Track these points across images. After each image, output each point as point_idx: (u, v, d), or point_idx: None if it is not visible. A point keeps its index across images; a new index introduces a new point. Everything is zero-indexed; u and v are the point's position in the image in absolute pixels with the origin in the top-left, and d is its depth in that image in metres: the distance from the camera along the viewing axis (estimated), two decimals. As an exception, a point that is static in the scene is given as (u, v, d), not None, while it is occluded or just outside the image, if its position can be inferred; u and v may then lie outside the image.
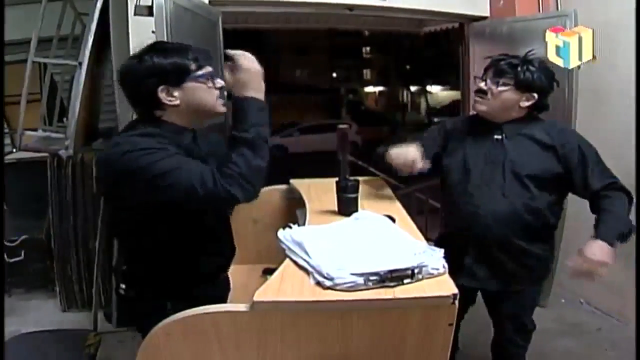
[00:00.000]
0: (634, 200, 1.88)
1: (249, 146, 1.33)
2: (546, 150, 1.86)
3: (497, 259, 1.88)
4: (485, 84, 1.88)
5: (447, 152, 2.03)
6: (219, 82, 1.46)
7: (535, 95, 1.85)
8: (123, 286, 1.53)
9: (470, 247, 1.89)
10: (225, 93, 1.51)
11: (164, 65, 1.38)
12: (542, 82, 1.84)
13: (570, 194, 1.99)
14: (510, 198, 1.85)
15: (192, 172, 1.29)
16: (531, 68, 1.83)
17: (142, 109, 1.45)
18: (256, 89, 1.40)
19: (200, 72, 1.42)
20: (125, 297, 1.55)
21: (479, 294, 2.08)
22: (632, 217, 1.87)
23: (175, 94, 1.40)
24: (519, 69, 1.83)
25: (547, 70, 1.88)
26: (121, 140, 1.39)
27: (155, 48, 1.43)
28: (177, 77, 1.39)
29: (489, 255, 1.85)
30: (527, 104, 1.86)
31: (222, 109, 1.48)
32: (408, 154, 1.82)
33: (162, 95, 1.39)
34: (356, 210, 1.67)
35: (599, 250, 1.73)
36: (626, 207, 1.84)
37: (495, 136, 1.91)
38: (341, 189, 1.70)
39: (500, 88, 1.84)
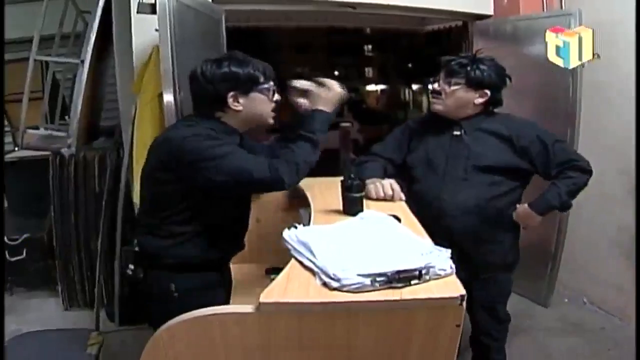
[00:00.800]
0: (591, 173, 2.00)
1: (312, 144, 1.53)
2: (504, 142, 1.98)
3: (465, 248, 1.92)
4: (438, 85, 2.01)
5: (410, 150, 2.15)
6: (277, 97, 1.65)
7: (488, 91, 1.96)
8: (131, 267, 1.63)
9: (438, 238, 1.87)
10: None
11: (239, 73, 1.55)
12: (492, 78, 1.95)
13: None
14: (473, 189, 1.97)
15: (248, 157, 1.48)
16: (481, 66, 1.94)
17: (204, 108, 1.61)
18: (329, 106, 1.62)
19: (266, 85, 1.60)
20: (132, 278, 1.64)
21: None
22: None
23: (241, 100, 1.57)
24: (469, 67, 1.94)
25: (497, 67, 1.98)
26: (182, 128, 1.56)
27: (233, 57, 1.59)
28: (247, 86, 1.57)
29: (456, 245, 1.80)
30: (480, 100, 1.98)
31: (272, 121, 1.66)
32: (386, 190, 1.86)
33: (230, 100, 1.56)
34: (361, 210, 1.66)
35: (523, 215, 2.01)
36: (573, 183, 1.96)
37: (455, 132, 2.03)
38: (346, 189, 1.69)
39: (453, 87, 1.96)
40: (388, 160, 2.16)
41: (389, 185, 1.88)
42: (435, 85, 2.02)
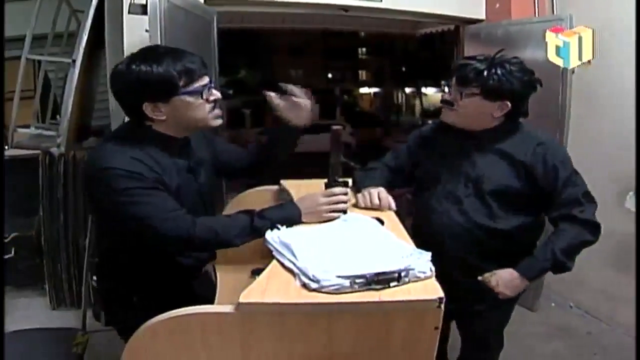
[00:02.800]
0: (600, 229, 1.69)
1: (253, 234, 1.42)
2: (513, 166, 1.70)
3: (451, 277, 1.62)
4: (450, 94, 1.72)
5: (420, 160, 1.92)
6: (214, 95, 1.41)
7: (508, 103, 1.66)
8: (95, 278, 1.59)
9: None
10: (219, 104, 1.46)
11: (150, 79, 1.30)
12: (514, 86, 1.64)
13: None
14: (468, 215, 1.73)
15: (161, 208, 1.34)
16: (499, 72, 1.62)
17: (131, 118, 1.42)
18: (301, 120, 1.63)
19: (189, 89, 1.35)
20: (97, 290, 1.61)
21: None
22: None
23: (162, 109, 1.35)
24: (486, 74, 1.62)
25: (523, 72, 1.67)
26: (107, 152, 1.35)
27: (144, 56, 1.33)
28: (164, 92, 1.34)
29: (443, 272, 1.46)
30: (500, 112, 1.68)
31: (215, 123, 1.43)
32: (373, 199, 1.70)
33: (147, 110, 1.35)
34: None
35: (508, 280, 1.68)
36: (576, 240, 1.67)
37: (466, 146, 1.76)
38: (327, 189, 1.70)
39: (466, 99, 1.66)
40: (396, 169, 1.95)
41: (377, 194, 1.70)
42: (447, 95, 1.72)
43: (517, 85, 1.64)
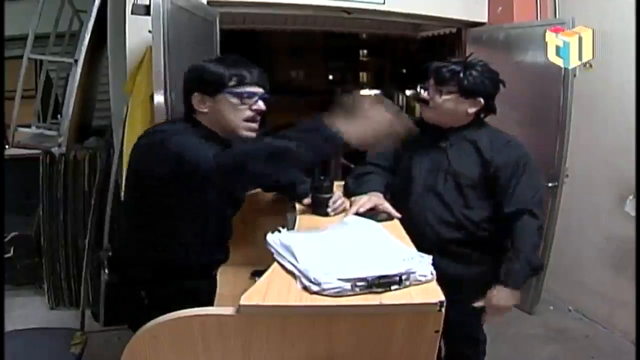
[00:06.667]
0: (544, 224, 1.89)
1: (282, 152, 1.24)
2: (482, 160, 1.84)
3: (440, 263, 1.65)
4: (428, 93, 1.86)
5: (402, 157, 2.00)
6: (258, 105, 1.49)
7: (481, 100, 1.82)
8: (106, 271, 1.60)
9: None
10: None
11: (205, 73, 1.48)
12: (487, 85, 1.81)
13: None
14: (451, 206, 1.85)
15: (199, 150, 1.32)
16: (474, 73, 1.79)
17: (185, 108, 1.54)
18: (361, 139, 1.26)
19: (235, 90, 1.46)
20: (108, 283, 1.63)
21: None
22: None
23: (208, 103, 1.48)
24: (462, 75, 1.79)
25: (491, 72, 1.84)
26: (169, 127, 1.53)
27: (218, 57, 1.55)
28: (212, 87, 1.46)
29: (433, 262, 1.56)
30: (473, 109, 1.84)
31: (246, 134, 1.50)
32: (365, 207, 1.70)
33: (194, 100, 1.48)
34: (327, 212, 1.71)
35: (504, 298, 1.77)
36: (534, 238, 1.80)
37: (441, 143, 1.90)
38: (315, 189, 1.71)
39: (445, 97, 1.82)
40: (389, 168, 2.01)
41: (368, 202, 1.71)
42: (424, 94, 1.87)
43: (488, 84, 1.82)
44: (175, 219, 1.51)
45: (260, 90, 1.50)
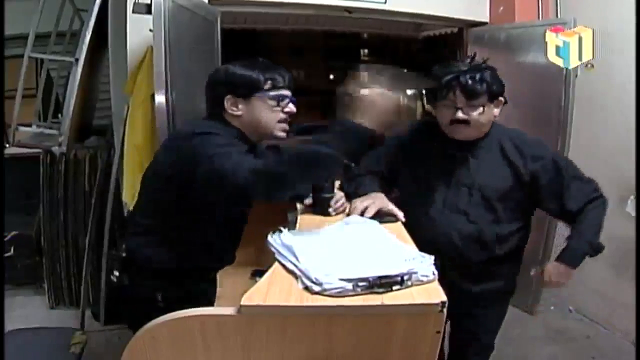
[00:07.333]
0: (606, 202, 1.79)
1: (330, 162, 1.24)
2: (512, 169, 1.72)
3: (462, 284, 1.74)
4: (463, 112, 1.68)
5: (405, 168, 1.87)
6: (289, 108, 1.54)
7: (502, 99, 1.73)
8: (116, 273, 1.59)
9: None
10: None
11: (236, 77, 1.50)
12: (501, 81, 1.72)
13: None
14: (480, 226, 1.73)
15: (232, 159, 1.26)
16: (491, 74, 1.69)
17: (212, 110, 1.56)
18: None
19: (270, 93, 1.50)
20: (115, 284, 1.60)
21: None
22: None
23: (240, 105, 1.51)
24: (488, 81, 1.67)
25: (494, 69, 1.74)
26: (200, 123, 1.54)
27: (247, 61, 1.54)
28: (246, 90, 1.50)
29: (453, 280, 1.57)
30: (498, 110, 1.74)
31: (280, 134, 1.55)
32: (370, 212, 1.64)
33: (227, 104, 1.51)
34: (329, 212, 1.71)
35: (559, 274, 1.78)
36: (599, 219, 1.76)
37: (459, 153, 1.75)
38: (316, 189, 1.70)
39: (479, 110, 1.68)
40: (379, 174, 1.92)
41: (372, 205, 1.66)
42: (461, 114, 1.67)
43: (500, 79, 1.72)
44: (198, 224, 1.52)
45: (289, 93, 1.56)
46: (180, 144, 1.44)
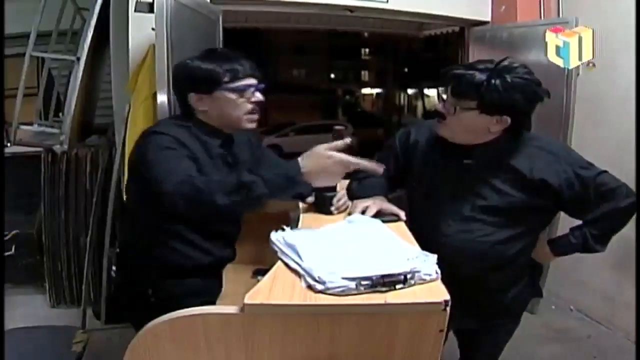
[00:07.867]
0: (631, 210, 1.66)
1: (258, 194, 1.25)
2: (523, 181, 1.56)
3: (471, 296, 1.62)
4: (443, 106, 1.55)
5: (412, 168, 1.76)
6: (255, 97, 1.51)
7: (508, 118, 1.50)
8: (114, 268, 1.61)
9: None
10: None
11: (197, 72, 1.46)
12: (516, 101, 1.47)
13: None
14: (480, 234, 1.60)
15: (169, 165, 1.31)
16: (500, 85, 1.44)
17: (182, 107, 1.55)
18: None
19: (232, 85, 1.47)
20: (115, 280, 1.63)
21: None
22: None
23: (205, 101, 1.48)
24: (484, 87, 1.45)
25: (526, 83, 1.49)
26: (160, 122, 1.58)
27: (202, 55, 1.50)
28: (207, 86, 1.47)
29: (460, 292, 1.32)
30: (497, 128, 1.52)
31: (249, 126, 1.54)
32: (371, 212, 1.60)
33: (191, 100, 1.49)
34: (331, 210, 1.70)
35: (541, 252, 1.74)
36: (611, 229, 1.68)
37: (465, 161, 1.60)
38: (318, 188, 1.70)
39: (461, 112, 1.50)
40: (387, 177, 1.74)
41: (373, 206, 1.61)
42: (440, 106, 1.55)
43: (519, 99, 1.47)
44: (180, 219, 1.47)
45: (254, 81, 1.51)
46: (137, 143, 1.47)
